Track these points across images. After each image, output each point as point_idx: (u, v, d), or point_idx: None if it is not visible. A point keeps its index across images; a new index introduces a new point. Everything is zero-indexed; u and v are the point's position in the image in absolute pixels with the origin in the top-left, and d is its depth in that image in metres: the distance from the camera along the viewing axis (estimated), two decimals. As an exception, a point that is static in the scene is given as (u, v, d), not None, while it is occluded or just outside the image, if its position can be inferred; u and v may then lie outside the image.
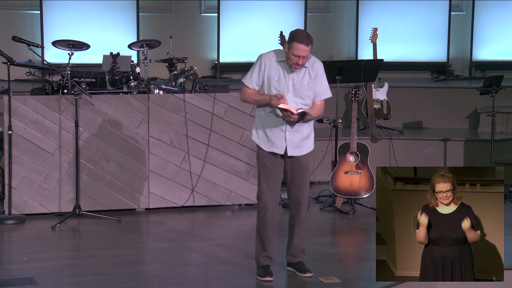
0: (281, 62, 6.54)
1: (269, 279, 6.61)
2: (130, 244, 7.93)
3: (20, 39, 8.72)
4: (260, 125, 6.63)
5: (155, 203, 9.06)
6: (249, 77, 6.60)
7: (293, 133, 6.57)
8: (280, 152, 6.57)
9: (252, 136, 6.70)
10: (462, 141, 10.84)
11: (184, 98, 9.09)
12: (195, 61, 10.98)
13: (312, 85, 6.58)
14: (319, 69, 6.61)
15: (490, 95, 9.75)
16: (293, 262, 6.79)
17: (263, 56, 6.58)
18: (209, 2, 12.62)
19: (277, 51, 6.60)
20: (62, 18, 11.87)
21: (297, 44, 6.40)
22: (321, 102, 6.67)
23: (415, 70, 13.04)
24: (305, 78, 6.56)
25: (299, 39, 6.40)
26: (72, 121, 8.72)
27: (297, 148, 6.61)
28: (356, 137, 9.13)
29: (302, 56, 6.42)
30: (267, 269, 6.67)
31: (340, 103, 10.84)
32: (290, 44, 6.43)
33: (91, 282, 6.71)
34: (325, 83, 6.67)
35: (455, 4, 13.10)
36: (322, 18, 12.96)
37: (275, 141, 6.57)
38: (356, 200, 9.18)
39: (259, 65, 6.56)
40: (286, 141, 6.56)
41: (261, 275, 6.64)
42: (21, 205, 8.70)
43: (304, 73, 6.56)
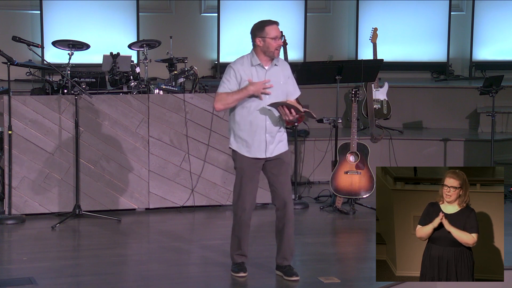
0: (254, 66, 6.54)
1: (242, 274, 6.76)
2: (130, 244, 7.93)
3: (20, 39, 8.72)
4: (238, 132, 6.60)
5: (155, 203, 9.07)
6: (222, 84, 6.57)
7: (272, 135, 6.58)
8: (262, 156, 6.59)
9: (231, 145, 6.67)
10: (462, 141, 10.84)
11: (184, 98, 9.09)
12: (195, 61, 10.98)
13: (286, 85, 6.63)
14: (289, 71, 6.68)
15: (490, 95, 9.75)
16: (283, 265, 6.78)
17: (233, 65, 6.58)
18: (209, 2, 12.63)
19: (245, 58, 6.60)
20: (62, 18, 11.87)
21: (270, 27, 6.46)
22: (295, 102, 6.71)
23: (415, 70, 13.04)
24: (281, 78, 6.59)
25: (267, 22, 6.50)
26: (72, 121, 8.72)
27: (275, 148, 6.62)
28: (356, 137, 9.13)
29: (280, 36, 6.46)
30: (241, 265, 6.80)
31: (340, 103, 10.85)
32: (262, 32, 6.46)
33: (91, 282, 6.71)
34: (294, 82, 6.73)
35: (455, 4, 13.10)
36: (322, 18, 12.96)
37: (256, 145, 6.57)
38: (356, 200, 9.18)
39: (232, 73, 6.54)
40: (267, 144, 6.57)
41: (235, 271, 6.79)
42: (21, 205, 8.70)
43: (278, 72, 6.59)
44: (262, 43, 6.49)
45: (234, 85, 6.54)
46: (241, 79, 6.52)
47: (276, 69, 6.58)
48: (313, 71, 9.35)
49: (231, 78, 6.54)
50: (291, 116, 6.44)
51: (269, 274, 6.85)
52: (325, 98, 11.20)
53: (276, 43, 6.47)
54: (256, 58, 6.55)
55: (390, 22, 12.74)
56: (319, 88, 10.98)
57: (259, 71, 6.54)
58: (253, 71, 6.54)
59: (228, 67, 6.62)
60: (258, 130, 6.55)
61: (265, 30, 6.46)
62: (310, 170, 10.48)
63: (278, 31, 6.48)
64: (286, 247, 6.74)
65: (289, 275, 6.72)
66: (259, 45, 6.51)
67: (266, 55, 6.53)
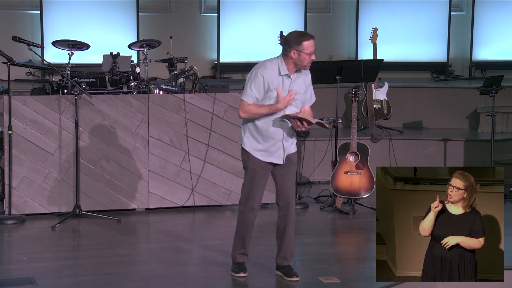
0: (282, 76, 6.49)
1: (242, 274, 6.76)
2: (130, 244, 7.93)
3: (20, 39, 8.72)
4: (254, 135, 6.58)
5: (155, 203, 9.07)
6: (249, 92, 6.49)
7: (288, 141, 6.61)
8: (279, 162, 6.60)
9: (244, 146, 6.61)
10: (462, 141, 10.84)
11: (184, 98, 9.09)
12: (195, 61, 10.98)
13: (305, 93, 6.62)
14: (309, 77, 6.67)
15: (490, 95, 9.75)
16: (283, 265, 6.78)
17: (262, 71, 6.47)
18: (209, 2, 12.62)
19: (274, 64, 6.50)
20: (62, 18, 11.87)
21: (307, 42, 6.40)
22: (309, 108, 6.71)
23: (415, 70, 13.04)
24: (302, 87, 6.58)
25: (305, 37, 6.43)
26: (72, 121, 8.72)
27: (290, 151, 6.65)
28: (356, 137, 9.13)
29: (314, 51, 6.46)
30: (242, 265, 6.80)
31: (340, 103, 10.85)
32: (298, 46, 6.39)
33: (91, 282, 6.71)
34: (312, 89, 6.72)
35: (455, 4, 13.10)
36: (322, 18, 12.96)
37: (274, 151, 6.57)
38: (356, 200, 9.18)
39: (261, 81, 6.46)
40: (284, 150, 6.59)
41: (235, 271, 6.78)
42: (21, 205, 8.70)
43: (301, 81, 6.58)
44: (296, 56, 6.42)
45: (261, 95, 6.48)
46: (269, 87, 6.47)
47: (300, 78, 6.57)
48: (313, 71, 9.30)
49: (258, 87, 6.47)
50: (303, 127, 6.45)
51: (269, 274, 6.85)
52: (325, 98, 11.17)
53: (310, 58, 6.46)
54: (284, 67, 6.48)
55: (390, 22, 12.74)
56: (319, 88, 10.85)
57: (285, 81, 6.50)
58: (280, 81, 6.49)
59: (255, 72, 6.49)
60: (277, 138, 6.54)
61: (303, 45, 6.39)
62: (310, 170, 10.48)
63: (313, 46, 6.44)
64: (286, 247, 6.74)
65: (289, 276, 6.72)
66: (292, 57, 6.43)
67: (296, 67, 6.50)
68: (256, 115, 6.51)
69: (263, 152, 6.58)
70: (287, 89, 6.49)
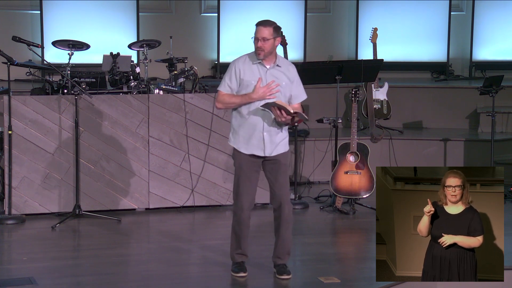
0: (255, 63, 6.56)
1: (242, 274, 6.76)
2: (130, 244, 7.93)
3: (20, 39, 8.72)
4: (237, 128, 6.63)
5: (155, 203, 9.07)
6: (223, 82, 6.63)
7: (270, 133, 6.58)
8: (260, 153, 6.59)
9: (229, 142, 6.72)
10: (462, 141, 10.84)
11: (184, 98, 9.09)
12: (195, 61, 10.98)
13: (289, 88, 6.61)
14: (295, 73, 6.67)
15: (490, 95, 9.75)
16: (277, 264, 6.80)
17: (236, 61, 6.64)
18: (209, 2, 12.62)
19: (250, 54, 6.63)
20: (62, 18, 11.87)
21: (256, 27, 6.51)
22: (299, 104, 6.69)
23: (415, 70, 13.04)
24: (283, 79, 6.59)
25: (258, 22, 6.53)
26: (72, 121, 8.72)
27: (275, 148, 6.62)
28: (356, 137, 9.13)
29: (261, 37, 6.46)
30: (242, 265, 6.80)
31: (340, 103, 10.85)
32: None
33: (91, 282, 6.71)
34: (299, 85, 6.71)
35: (455, 4, 13.10)
36: (322, 18, 12.96)
37: (254, 143, 6.58)
38: (356, 200, 9.18)
39: (233, 70, 6.60)
40: (265, 142, 6.57)
41: (235, 271, 6.79)
42: (21, 205, 8.70)
43: (281, 73, 6.58)
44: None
45: (234, 84, 6.59)
46: (240, 75, 6.55)
47: (278, 70, 6.59)
48: (313, 71, 9.35)
49: (231, 75, 6.59)
50: (283, 117, 6.43)
51: (269, 274, 6.85)
52: (325, 98, 11.20)
53: (256, 44, 6.51)
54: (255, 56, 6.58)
55: (390, 22, 12.74)
56: (319, 88, 10.97)
57: (260, 70, 6.56)
58: (254, 69, 6.56)
59: (231, 63, 6.67)
60: (257, 128, 6.55)
61: (255, 29, 6.53)
62: (310, 170, 10.48)
63: (263, 33, 6.47)
64: (280, 247, 6.75)
65: (280, 274, 6.74)
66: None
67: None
68: (229, 104, 6.62)
69: (245, 145, 6.60)
70: (264, 79, 6.53)
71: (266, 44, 6.48)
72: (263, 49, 6.48)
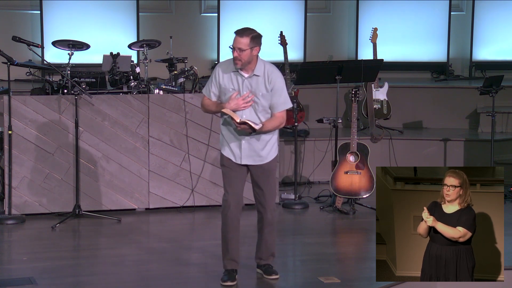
0: (235, 72, 6.43)
1: (229, 284, 6.56)
2: (130, 244, 7.93)
3: (20, 39, 8.72)
4: (222, 130, 6.57)
5: (155, 203, 9.07)
6: (206, 87, 6.55)
7: (250, 141, 6.47)
8: (236, 161, 6.49)
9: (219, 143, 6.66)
10: (462, 141, 10.84)
11: (184, 98, 9.09)
12: (195, 61, 10.97)
13: (268, 98, 6.42)
14: (276, 83, 6.41)
15: (490, 95, 9.75)
16: (260, 264, 6.76)
17: (219, 65, 6.53)
18: (209, 2, 12.62)
19: (229, 61, 6.50)
20: (62, 18, 11.87)
21: (234, 36, 6.42)
22: (280, 114, 6.46)
23: (415, 70, 13.04)
24: (261, 89, 6.41)
25: (236, 30, 6.44)
26: (72, 121, 8.72)
27: (256, 157, 6.50)
28: (356, 137, 9.13)
29: (237, 47, 6.36)
30: (230, 273, 6.61)
31: (340, 103, 10.85)
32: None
33: (91, 282, 6.71)
34: (284, 95, 6.46)
35: (455, 4, 13.10)
36: (322, 18, 12.96)
37: (233, 148, 6.50)
38: (356, 200, 9.18)
39: (215, 74, 6.49)
40: (241, 150, 6.47)
41: (223, 279, 6.60)
42: (21, 205, 8.70)
43: (259, 83, 6.41)
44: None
45: (214, 88, 6.51)
46: (219, 80, 6.46)
47: (257, 80, 6.43)
48: (313, 71, 9.35)
49: (212, 79, 6.52)
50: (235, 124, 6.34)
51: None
52: (325, 98, 11.20)
53: (233, 54, 6.39)
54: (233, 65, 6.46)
55: (390, 22, 12.74)
56: (319, 88, 10.98)
57: (238, 79, 6.43)
58: (233, 77, 6.44)
59: (216, 65, 6.59)
60: (236, 135, 6.47)
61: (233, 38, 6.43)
62: (310, 170, 10.48)
63: (239, 44, 6.34)
64: (263, 248, 6.71)
65: (268, 274, 6.70)
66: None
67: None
68: (207, 110, 6.60)
69: (226, 147, 6.53)
70: (241, 88, 6.42)
71: (242, 55, 6.34)
72: (240, 59, 6.34)
